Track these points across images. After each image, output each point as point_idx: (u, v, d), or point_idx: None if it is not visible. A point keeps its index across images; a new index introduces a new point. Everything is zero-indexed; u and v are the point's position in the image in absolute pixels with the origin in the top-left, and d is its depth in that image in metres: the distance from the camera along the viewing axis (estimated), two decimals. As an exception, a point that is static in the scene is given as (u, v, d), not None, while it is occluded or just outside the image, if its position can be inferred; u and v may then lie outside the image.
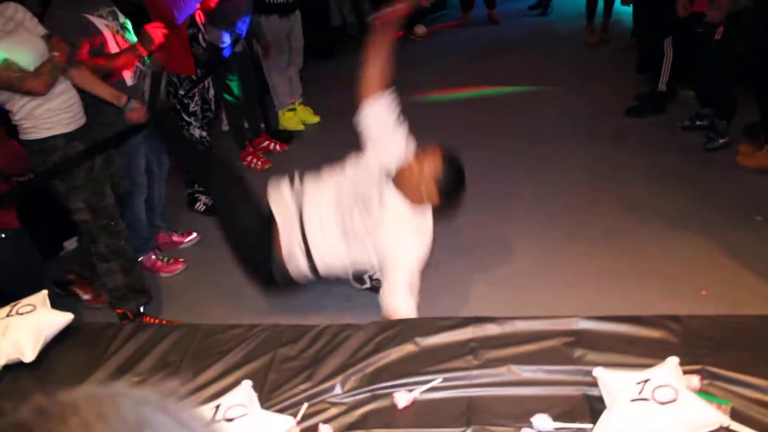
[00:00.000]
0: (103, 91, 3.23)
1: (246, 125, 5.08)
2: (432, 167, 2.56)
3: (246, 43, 4.91)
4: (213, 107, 4.52)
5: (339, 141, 5.30)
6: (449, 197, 2.63)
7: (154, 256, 3.89)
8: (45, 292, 2.15)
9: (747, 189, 3.97)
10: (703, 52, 4.29)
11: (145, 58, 3.52)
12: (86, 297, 3.65)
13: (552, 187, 4.24)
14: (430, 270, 3.40)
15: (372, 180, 2.69)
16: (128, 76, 3.45)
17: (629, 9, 6.47)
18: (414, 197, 2.60)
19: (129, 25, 3.53)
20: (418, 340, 1.94)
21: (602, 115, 5.27)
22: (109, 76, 3.32)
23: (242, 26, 4.65)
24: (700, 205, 3.85)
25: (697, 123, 4.70)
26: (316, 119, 5.78)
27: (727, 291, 3.10)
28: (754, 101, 4.24)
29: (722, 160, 4.29)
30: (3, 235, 2.81)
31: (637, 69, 5.71)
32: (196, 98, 4.23)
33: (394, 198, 2.62)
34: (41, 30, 3.01)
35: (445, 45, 7.77)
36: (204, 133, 4.40)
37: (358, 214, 2.65)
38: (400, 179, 2.63)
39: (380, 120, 2.77)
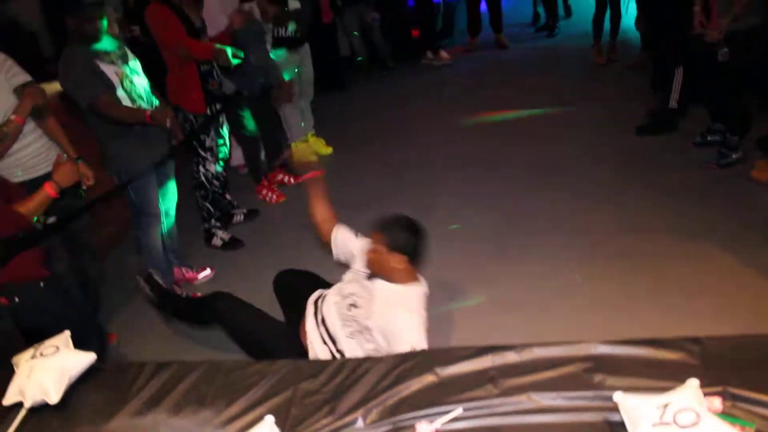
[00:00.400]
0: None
1: (263, 158, 5.12)
2: (380, 243, 2.73)
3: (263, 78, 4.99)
4: (228, 142, 4.57)
5: (353, 171, 5.48)
6: (415, 251, 2.75)
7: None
8: (68, 332, 2.18)
9: (763, 205, 3.95)
10: (711, 69, 4.28)
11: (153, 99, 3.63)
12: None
13: (565, 208, 4.25)
14: (446, 299, 3.43)
15: (355, 283, 2.88)
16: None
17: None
18: (391, 274, 2.75)
19: (138, 68, 3.63)
20: (438, 370, 1.94)
21: (613, 134, 5.28)
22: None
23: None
24: (716, 222, 3.84)
25: (709, 138, 4.70)
26: (328, 150, 5.83)
27: (747, 310, 3.08)
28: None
29: (736, 175, 4.29)
30: (41, 284, 2.85)
31: (651, 85, 5.73)
32: (212, 133, 4.28)
33: (379, 284, 2.78)
34: (20, 79, 3.14)
35: (453, 71, 7.83)
36: (220, 169, 4.47)
37: (354, 312, 2.77)
38: (372, 268, 2.81)
39: (344, 246, 3.11)
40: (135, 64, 3.63)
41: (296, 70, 5.40)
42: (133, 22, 4.98)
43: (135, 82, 3.56)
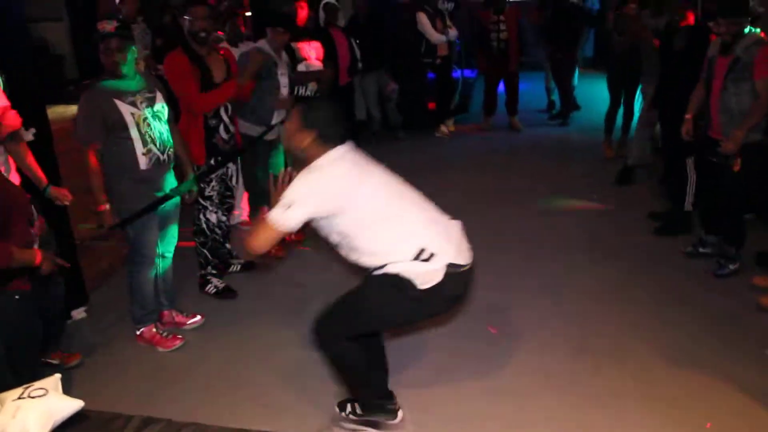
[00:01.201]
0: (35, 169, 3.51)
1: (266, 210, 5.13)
2: (292, 124, 2.77)
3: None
4: (234, 194, 4.62)
5: None
6: (325, 125, 2.75)
7: (154, 329, 3.91)
8: (58, 376, 2.17)
9: (757, 320, 3.96)
10: (717, 179, 4.38)
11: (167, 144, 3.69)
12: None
13: (559, 301, 4.25)
14: (431, 377, 3.42)
15: None
16: (143, 161, 3.61)
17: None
18: (301, 152, 2.78)
19: (164, 113, 3.69)
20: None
21: (613, 231, 5.34)
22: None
23: (274, 121, 4.84)
24: (710, 332, 3.83)
25: (700, 250, 4.75)
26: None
27: (733, 425, 3.07)
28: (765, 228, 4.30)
29: (733, 287, 4.31)
30: (17, 297, 2.83)
31: (661, 180, 5.90)
32: (213, 183, 4.32)
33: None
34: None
35: (466, 147, 7.95)
36: (223, 218, 4.52)
37: None
38: (286, 144, 2.93)
39: None
40: (161, 109, 3.68)
41: None
42: (159, 60, 5.08)
43: (153, 127, 3.61)
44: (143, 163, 3.60)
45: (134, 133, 3.54)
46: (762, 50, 4.05)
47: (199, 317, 4.15)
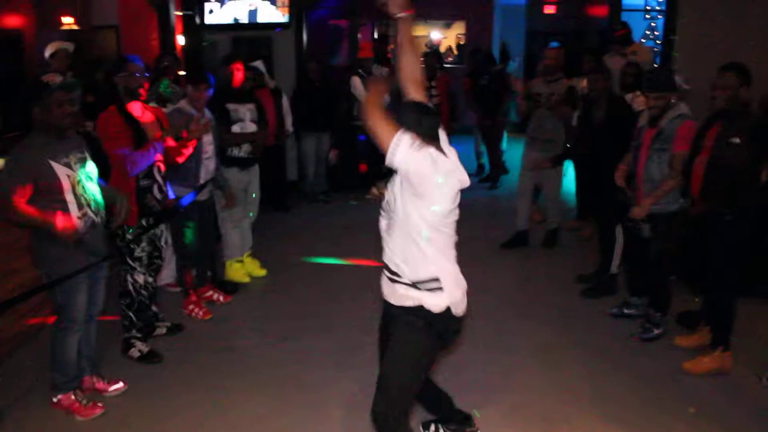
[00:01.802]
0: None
1: (193, 273, 5.05)
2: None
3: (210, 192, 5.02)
4: (162, 255, 4.51)
5: (285, 296, 5.41)
6: (423, 128, 2.71)
7: (73, 396, 3.71)
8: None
9: (681, 379, 4.07)
10: (641, 244, 4.52)
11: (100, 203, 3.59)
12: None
13: (486, 366, 4.25)
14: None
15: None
16: (78, 225, 3.49)
17: (572, 191, 6.91)
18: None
19: (94, 174, 3.61)
20: None
21: (543, 293, 5.44)
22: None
23: (201, 181, 4.80)
24: (637, 392, 3.92)
25: (625, 311, 4.90)
26: (262, 272, 5.81)
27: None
28: (686, 291, 4.48)
29: (657, 349, 4.43)
30: None
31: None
32: (143, 244, 4.24)
33: None
34: None
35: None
36: (150, 279, 4.41)
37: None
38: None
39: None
40: (91, 168, 3.61)
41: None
42: (89, 116, 4.97)
43: (87, 188, 3.54)
44: (78, 226, 3.49)
45: (69, 196, 3.44)
46: (684, 124, 4.25)
47: (121, 383, 3.97)
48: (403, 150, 2.57)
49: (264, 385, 4.01)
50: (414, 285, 2.78)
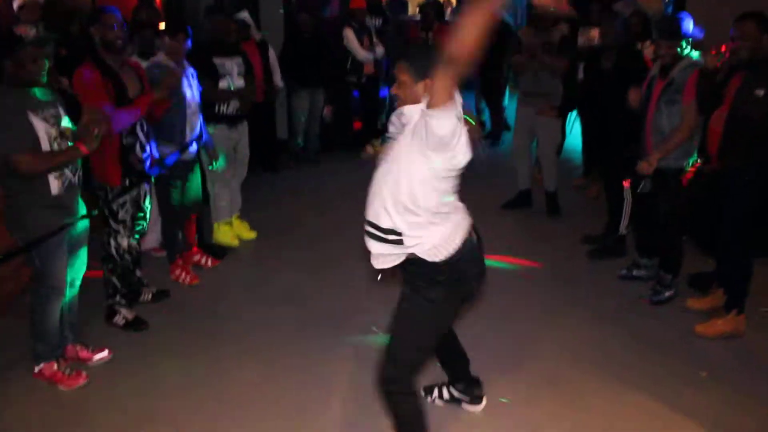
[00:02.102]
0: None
1: (180, 237, 4.86)
2: (405, 75, 2.58)
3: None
4: (148, 217, 4.31)
5: (273, 260, 5.26)
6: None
7: (55, 366, 3.59)
8: None
9: (692, 343, 3.96)
10: (646, 202, 4.37)
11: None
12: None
13: (491, 329, 4.12)
14: (360, 414, 3.26)
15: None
16: (55, 185, 3.35)
17: (578, 148, 6.64)
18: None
19: (69, 133, 3.43)
20: None
21: (549, 255, 5.26)
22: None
23: (188, 139, 4.58)
24: (646, 356, 3.82)
25: (635, 273, 4.75)
26: (252, 235, 5.61)
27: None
28: (698, 252, 4.38)
29: (668, 313, 4.31)
30: None
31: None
32: (127, 206, 4.06)
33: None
34: None
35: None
36: (134, 243, 4.26)
37: None
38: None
39: None
40: (66, 126, 3.42)
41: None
42: (63, 72, 4.72)
43: (63, 147, 3.37)
44: (55, 187, 3.34)
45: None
46: (695, 74, 4.08)
47: (106, 352, 3.84)
48: (450, 120, 2.36)
49: (255, 352, 3.91)
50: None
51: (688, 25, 4.23)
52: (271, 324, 4.19)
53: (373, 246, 2.66)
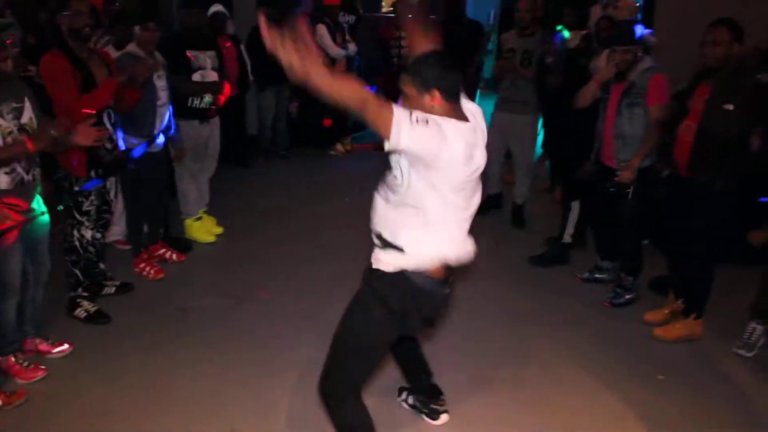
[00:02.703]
0: None
1: (145, 230, 4.82)
2: (410, 87, 2.48)
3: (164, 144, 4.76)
4: (111, 210, 4.27)
5: (240, 257, 5.22)
6: (449, 84, 2.45)
7: (13, 359, 3.53)
8: None
9: (651, 345, 4.04)
10: (612, 209, 4.40)
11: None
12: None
13: (455, 331, 4.13)
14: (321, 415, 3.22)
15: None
16: (3, 181, 3.23)
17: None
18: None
19: (31, 127, 3.33)
20: None
21: (510, 260, 5.32)
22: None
23: (156, 131, 4.55)
24: (606, 358, 3.88)
25: (596, 276, 4.83)
26: (219, 230, 5.56)
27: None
28: (658, 256, 4.47)
29: (628, 315, 4.38)
30: None
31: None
32: (92, 197, 4.01)
33: None
34: None
35: (364, 166, 7.80)
36: (98, 235, 4.21)
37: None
38: None
39: None
40: (28, 122, 3.31)
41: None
42: (31, 60, 4.65)
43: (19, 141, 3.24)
44: (4, 183, 3.22)
45: None
46: (656, 77, 4.15)
47: (66, 345, 3.79)
48: (406, 130, 2.20)
49: (216, 346, 3.90)
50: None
51: (639, 30, 4.28)
52: (234, 318, 4.19)
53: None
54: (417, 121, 2.24)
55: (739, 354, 3.92)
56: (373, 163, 7.84)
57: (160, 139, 4.61)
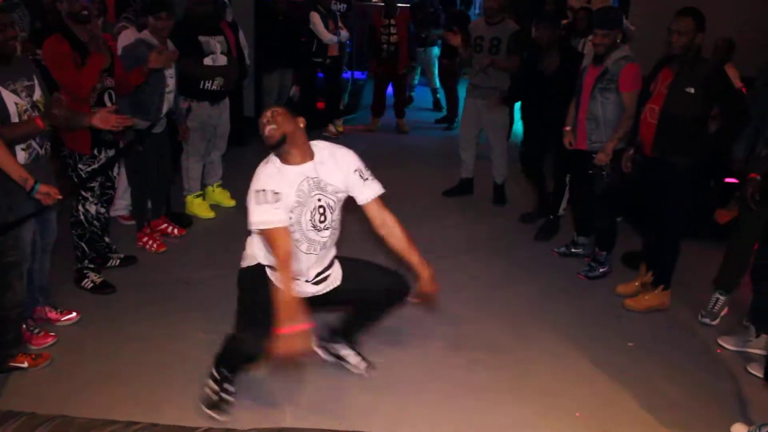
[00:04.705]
0: (12, 169, 3.17)
1: (149, 205, 5.03)
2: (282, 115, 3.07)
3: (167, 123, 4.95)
4: (115, 186, 4.47)
5: (238, 230, 5.35)
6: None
7: (24, 326, 3.68)
8: None
9: (622, 315, 4.26)
10: (589, 187, 4.62)
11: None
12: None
13: (437, 300, 4.32)
14: (311, 374, 3.45)
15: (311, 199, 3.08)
16: (21, 156, 3.38)
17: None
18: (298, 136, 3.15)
19: (41, 104, 3.47)
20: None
21: (491, 234, 5.55)
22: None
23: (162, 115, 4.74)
24: (580, 327, 4.09)
25: (572, 250, 5.07)
26: (232, 203, 5.85)
27: (601, 413, 3.29)
28: (631, 233, 4.66)
29: (601, 286, 4.62)
30: None
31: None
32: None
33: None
34: None
35: (354, 147, 7.97)
36: (102, 210, 4.37)
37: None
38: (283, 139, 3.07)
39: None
40: (39, 99, 3.47)
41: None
42: (38, 44, 4.83)
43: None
44: (21, 158, 3.37)
45: None
46: (628, 65, 4.34)
47: (74, 314, 3.96)
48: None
49: (216, 316, 4.00)
50: None
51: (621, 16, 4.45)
52: (232, 291, 4.27)
53: None
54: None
55: (704, 323, 4.14)
56: (363, 143, 8.10)
57: (164, 121, 4.81)
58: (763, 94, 4.17)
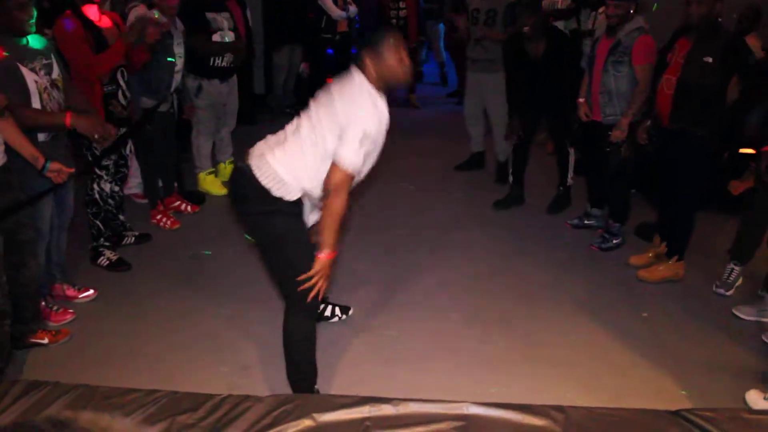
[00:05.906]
0: (23, 147, 3.19)
1: (160, 183, 5.06)
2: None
3: (173, 102, 4.97)
4: (128, 164, 4.50)
5: None
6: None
7: (43, 303, 3.73)
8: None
9: (635, 286, 4.25)
10: (604, 160, 4.61)
11: None
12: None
13: (451, 272, 4.39)
14: (329, 346, 3.48)
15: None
16: (42, 134, 3.41)
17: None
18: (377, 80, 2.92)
19: (60, 82, 3.50)
20: (315, 416, 1.98)
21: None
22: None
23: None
24: (593, 298, 4.09)
25: (585, 222, 5.06)
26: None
27: (613, 382, 3.30)
28: (644, 205, 4.63)
29: (614, 257, 4.61)
30: None
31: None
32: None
33: (356, 76, 2.88)
34: None
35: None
36: (116, 188, 4.42)
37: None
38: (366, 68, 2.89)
39: None
40: (58, 77, 3.49)
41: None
42: (47, 24, 4.84)
43: (53, 97, 3.43)
44: (42, 136, 3.41)
45: (36, 103, 3.32)
46: (641, 38, 4.29)
47: (91, 291, 4.02)
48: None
49: (230, 290, 4.11)
50: None
51: None
52: (246, 264, 4.34)
53: None
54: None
55: (719, 293, 4.12)
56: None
57: (172, 98, 4.83)
58: None
